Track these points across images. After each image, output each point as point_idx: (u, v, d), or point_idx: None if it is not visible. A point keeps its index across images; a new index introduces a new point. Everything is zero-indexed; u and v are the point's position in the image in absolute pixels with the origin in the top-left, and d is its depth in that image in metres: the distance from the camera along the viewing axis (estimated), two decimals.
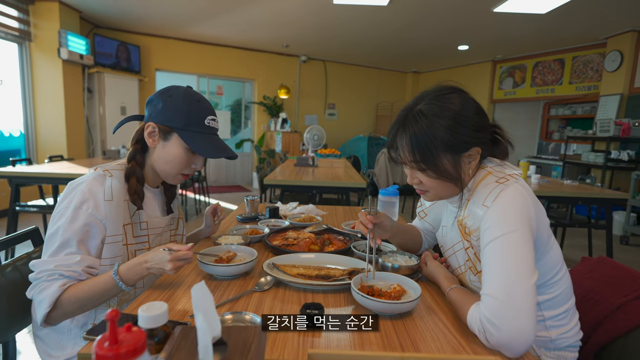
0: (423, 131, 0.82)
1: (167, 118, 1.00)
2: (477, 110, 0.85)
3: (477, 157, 0.86)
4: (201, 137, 1.01)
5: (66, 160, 3.84)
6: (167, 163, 1.03)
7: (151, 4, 4.87)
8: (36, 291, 0.87)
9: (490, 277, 0.74)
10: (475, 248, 0.85)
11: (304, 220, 1.53)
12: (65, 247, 0.90)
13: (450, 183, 0.87)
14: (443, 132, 0.82)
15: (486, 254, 0.77)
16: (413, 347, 0.69)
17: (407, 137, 0.84)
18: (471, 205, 0.86)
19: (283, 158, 5.35)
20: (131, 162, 1.04)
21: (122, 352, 0.36)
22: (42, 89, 4.90)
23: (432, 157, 0.83)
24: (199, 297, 0.45)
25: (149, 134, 1.02)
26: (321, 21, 5.31)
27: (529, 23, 4.93)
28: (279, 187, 3.15)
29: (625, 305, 0.93)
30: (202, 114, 1.02)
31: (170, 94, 1.01)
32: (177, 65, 6.70)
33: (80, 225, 0.91)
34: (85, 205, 0.92)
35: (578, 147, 6.05)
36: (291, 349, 0.66)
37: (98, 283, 0.88)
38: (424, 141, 0.82)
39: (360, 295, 0.79)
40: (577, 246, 4.11)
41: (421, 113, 0.84)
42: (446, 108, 0.83)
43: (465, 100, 0.85)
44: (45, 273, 0.87)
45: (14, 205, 2.95)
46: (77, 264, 0.89)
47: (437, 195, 0.92)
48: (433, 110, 0.83)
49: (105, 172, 0.98)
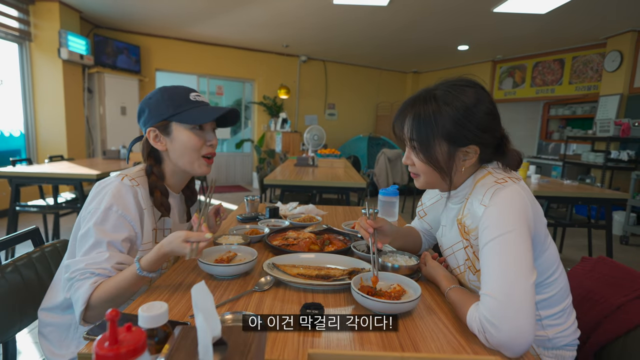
0: (428, 114, 0.84)
1: (157, 115, 1.02)
2: (489, 111, 0.85)
3: (474, 157, 0.86)
4: (194, 111, 1.02)
5: (66, 160, 3.84)
6: (183, 154, 1.04)
7: (151, 4, 4.87)
8: (72, 291, 0.89)
9: (489, 277, 0.74)
10: (474, 247, 0.85)
11: (304, 220, 1.53)
12: (97, 246, 0.91)
13: (437, 173, 0.87)
14: (447, 121, 0.82)
15: (485, 254, 0.77)
16: (413, 347, 0.69)
17: (413, 115, 0.86)
18: (469, 204, 0.86)
19: (283, 158, 5.35)
20: (151, 177, 1.06)
21: (122, 352, 0.36)
22: (42, 89, 4.91)
23: (427, 141, 0.84)
24: (199, 297, 0.45)
25: (154, 139, 1.04)
26: (321, 21, 5.32)
27: (529, 23, 4.93)
28: (279, 187, 3.15)
29: (625, 305, 0.93)
30: (183, 93, 1.04)
31: (149, 96, 1.05)
32: (177, 65, 6.70)
33: (110, 226, 0.93)
34: (114, 206, 0.94)
35: (578, 147, 6.05)
36: (291, 349, 0.66)
37: (125, 277, 0.89)
38: (426, 123, 0.84)
39: (361, 295, 0.79)
40: (577, 246, 4.11)
41: (434, 97, 0.85)
42: (458, 99, 0.83)
43: (481, 97, 0.85)
44: (78, 272, 0.89)
45: (14, 205, 2.95)
46: (106, 261, 0.90)
47: (426, 182, 0.93)
48: (445, 98, 0.84)
49: (132, 181, 0.99)
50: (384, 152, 6.14)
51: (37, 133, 5.00)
